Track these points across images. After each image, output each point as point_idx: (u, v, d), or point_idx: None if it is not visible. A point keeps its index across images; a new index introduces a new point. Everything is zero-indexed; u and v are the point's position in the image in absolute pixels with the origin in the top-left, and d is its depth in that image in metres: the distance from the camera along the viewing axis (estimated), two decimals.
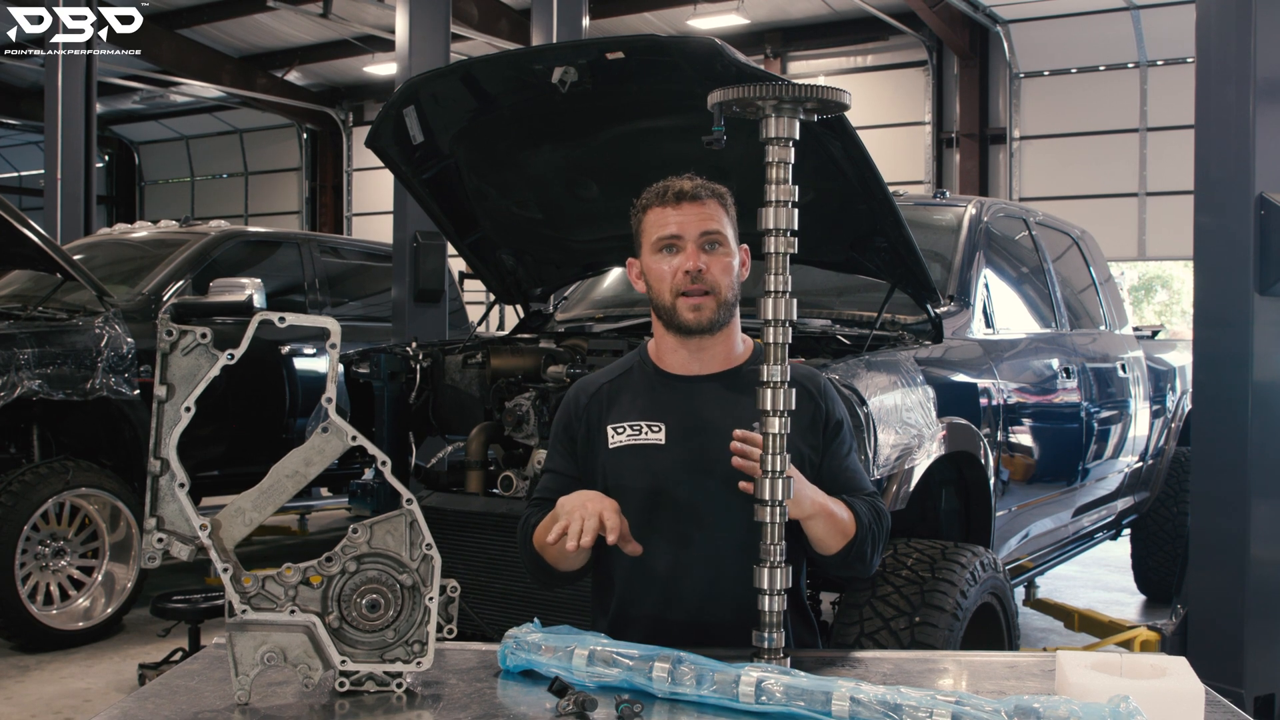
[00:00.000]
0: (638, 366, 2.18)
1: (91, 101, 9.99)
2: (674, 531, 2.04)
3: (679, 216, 2.05)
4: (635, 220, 2.14)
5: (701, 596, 2.03)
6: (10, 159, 25.16)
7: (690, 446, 2.05)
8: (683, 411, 2.08)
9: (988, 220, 4.46)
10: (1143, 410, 5.38)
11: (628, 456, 2.07)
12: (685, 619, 2.03)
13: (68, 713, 4.30)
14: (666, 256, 2.06)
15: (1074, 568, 6.77)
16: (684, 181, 2.08)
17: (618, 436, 2.09)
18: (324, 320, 1.64)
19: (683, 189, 2.07)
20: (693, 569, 2.03)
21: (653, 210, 2.09)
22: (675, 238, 2.05)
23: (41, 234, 5.26)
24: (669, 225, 2.05)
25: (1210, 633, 3.83)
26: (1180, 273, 20.89)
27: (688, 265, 2.03)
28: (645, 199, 2.11)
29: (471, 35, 14.77)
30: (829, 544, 1.99)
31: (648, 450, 2.06)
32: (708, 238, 2.05)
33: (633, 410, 2.11)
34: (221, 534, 1.62)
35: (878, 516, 2.06)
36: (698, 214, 2.05)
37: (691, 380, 2.11)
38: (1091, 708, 1.38)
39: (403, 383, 3.88)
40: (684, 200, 2.06)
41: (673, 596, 2.04)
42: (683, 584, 2.04)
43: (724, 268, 2.06)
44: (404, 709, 1.60)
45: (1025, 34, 15.16)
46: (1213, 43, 3.84)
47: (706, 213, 2.06)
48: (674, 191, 2.07)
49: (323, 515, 8.13)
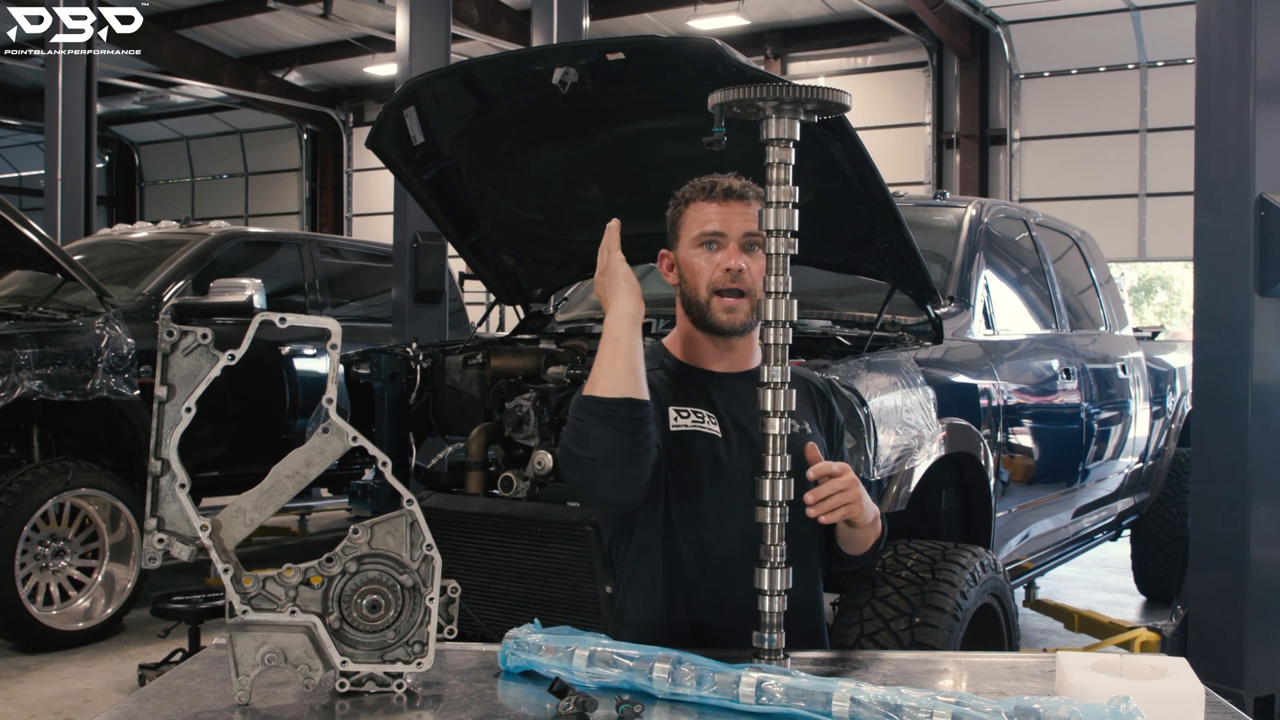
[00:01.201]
0: (664, 360, 2.12)
1: (91, 102, 9.99)
2: (735, 520, 1.97)
3: (725, 213, 2.02)
4: (674, 212, 2.10)
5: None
6: (10, 159, 25.17)
7: (744, 440, 2.01)
8: (728, 408, 2.04)
9: (988, 221, 4.47)
10: (1143, 411, 5.39)
11: (697, 441, 2.00)
12: (738, 607, 1.94)
13: (68, 713, 4.30)
14: (706, 252, 2.03)
15: (1074, 568, 6.77)
16: (732, 179, 2.06)
17: (681, 420, 2.01)
18: (325, 321, 1.64)
19: (731, 186, 2.04)
20: (749, 559, 2.01)
21: (697, 204, 2.05)
22: (719, 234, 2.02)
23: (42, 234, 5.27)
24: (713, 221, 2.02)
25: (1210, 633, 3.83)
26: (1180, 274, 20.89)
27: (729, 263, 2.00)
28: (688, 192, 2.08)
29: (472, 36, 14.78)
30: (865, 546, 2.03)
31: (711, 440, 2.01)
32: (750, 238, 2.02)
33: (684, 397, 2.05)
34: (222, 534, 1.62)
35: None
36: (743, 214, 2.03)
37: (725, 377, 2.08)
38: (1091, 708, 1.38)
39: (403, 383, 3.88)
40: (731, 198, 2.03)
41: (730, 582, 1.99)
42: (739, 572, 1.97)
43: (761, 270, 2.01)
44: (404, 709, 1.60)
45: (1025, 35, 15.16)
46: (1213, 44, 3.84)
47: (751, 214, 2.02)
48: (722, 188, 2.04)
49: (323, 516, 8.13)
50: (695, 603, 2.01)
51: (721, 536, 1.99)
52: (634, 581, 2.05)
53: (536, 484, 3.43)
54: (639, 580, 2.05)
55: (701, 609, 2.00)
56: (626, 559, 2.07)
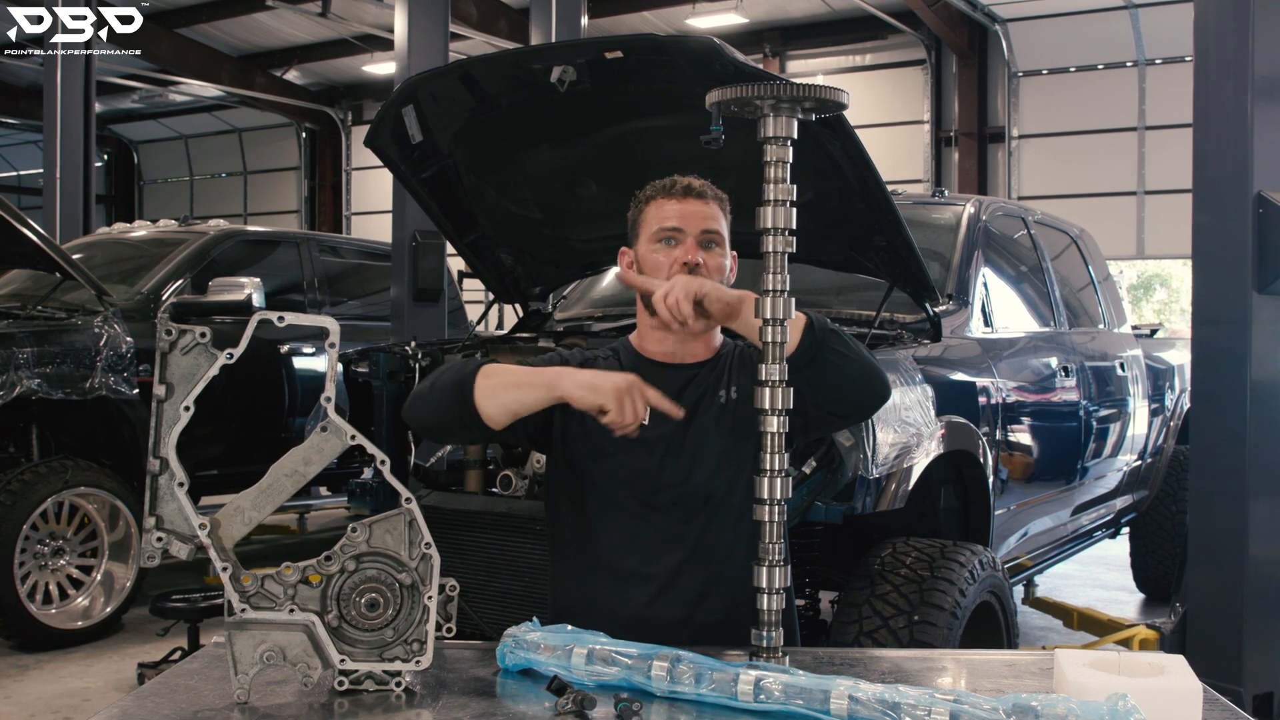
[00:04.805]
0: (623, 354, 2.18)
1: (90, 101, 9.99)
2: (649, 507, 2.05)
3: (683, 210, 2.07)
4: (635, 211, 2.15)
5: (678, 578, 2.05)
6: (9, 158, 25.16)
7: (669, 426, 2.03)
8: (665, 393, 2.04)
9: (986, 219, 4.47)
10: (1141, 409, 5.39)
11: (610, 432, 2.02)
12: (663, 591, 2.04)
13: (67, 712, 4.30)
14: (665, 248, 2.08)
15: (1073, 566, 6.78)
16: (691, 178, 2.11)
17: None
18: (323, 319, 1.64)
19: (690, 184, 2.09)
20: (676, 558, 2.05)
21: (657, 202, 2.10)
22: (677, 230, 2.07)
23: (40, 233, 5.26)
24: (672, 218, 2.07)
25: (1209, 631, 3.83)
26: (1179, 271, 20.89)
27: (687, 258, 2.04)
28: (649, 191, 2.13)
29: (470, 34, 14.77)
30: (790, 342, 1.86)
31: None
32: (708, 236, 2.07)
33: None
34: (221, 533, 1.62)
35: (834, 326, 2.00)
36: (701, 211, 2.08)
37: (674, 367, 2.11)
38: (1090, 706, 1.38)
39: (402, 382, 3.88)
40: (690, 195, 2.08)
41: (651, 569, 2.05)
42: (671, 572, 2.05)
43: (718, 268, 2.07)
44: (403, 708, 1.60)
45: (1024, 33, 15.17)
46: (1211, 41, 3.84)
47: (709, 212, 2.08)
48: (682, 186, 2.09)
49: (321, 514, 8.13)
50: (621, 591, 2.06)
51: (637, 520, 2.05)
52: (560, 570, 2.16)
53: (535, 482, 3.43)
54: (563, 569, 2.14)
55: (622, 599, 2.05)
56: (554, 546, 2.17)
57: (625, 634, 1.72)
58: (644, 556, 2.05)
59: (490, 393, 1.92)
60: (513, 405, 1.92)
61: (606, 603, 2.05)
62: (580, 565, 2.10)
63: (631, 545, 2.06)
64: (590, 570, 2.09)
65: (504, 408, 1.92)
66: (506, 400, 1.92)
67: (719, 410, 2.08)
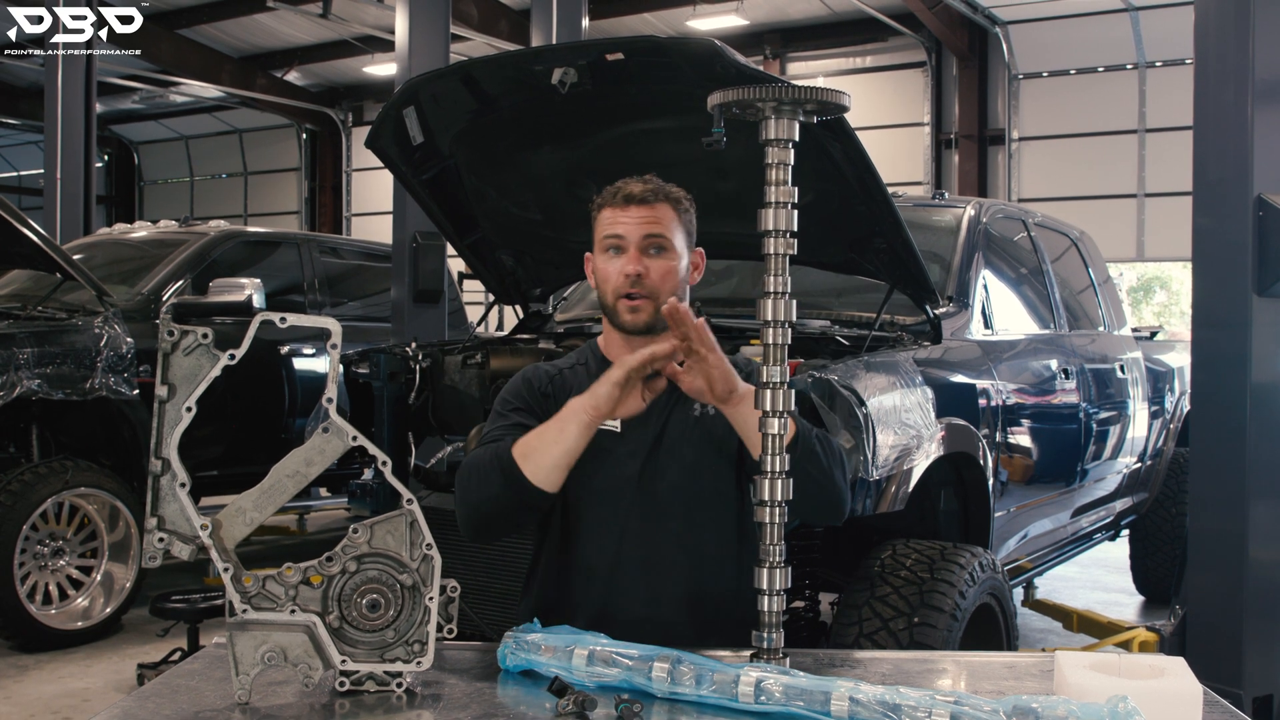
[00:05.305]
0: (589, 359, 2.21)
1: (91, 101, 9.99)
2: (630, 514, 2.08)
3: (625, 218, 2.09)
4: (592, 217, 2.17)
5: (648, 584, 2.08)
6: (10, 159, 25.16)
7: (644, 432, 2.09)
8: None
9: (986, 221, 4.47)
10: (1141, 411, 5.39)
11: (597, 436, 2.04)
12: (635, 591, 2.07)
13: (66, 712, 4.30)
14: (611, 257, 2.11)
15: (1073, 568, 6.78)
16: (635, 184, 2.12)
17: None
18: (325, 321, 1.64)
19: (631, 192, 2.10)
20: (637, 557, 2.08)
21: (605, 210, 2.13)
22: (619, 238, 2.09)
23: (41, 233, 5.27)
24: (615, 226, 2.10)
25: (1209, 633, 3.83)
26: (1179, 274, 20.90)
27: (628, 269, 2.07)
28: (600, 198, 2.15)
29: (471, 36, 14.78)
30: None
31: (606, 435, 2.07)
32: (651, 241, 2.09)
33: None
34: (222, 534, 1.62)
35: (820, 435, 2.03)
36: (643, 217, 2.09)
37: None
38: (1090, 708, 1.38)
39: (402, 383, 3.88)
40: (631, 203, 2.10)
41: (618, 585, 2.08)
42: (629, 571, 2.08)
43: (664, 272, 2.08)
44: (404, 709, 1.60)
45: (1024, 35, 15.17)
46: (1211, 44, 3.84)
47: (653, 216, 2.09)
48: (623, 194, 2.11)
49: (322, 515, 8.13)
50: (594, 589, 2.08)
51: (608, 522, 2.08)
52: (546, 569, 2.16)
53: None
54: (548, 568, 2.16)
55: (601, 595, 2.08)
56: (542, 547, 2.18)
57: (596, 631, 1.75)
58: (618, 558, 2.08)
59: (537, 466, 1.94)
60: (563, 460, 1.94)
61: (580, 602, 2.09)
62: (560, 565, 2.13)
63: (605, 547, 2.09)
64: (566, 570, 2.12)
65: (556, 467, 1.94)
66: (556, 459, 1.94)
67: (694, 421, 2.13)
